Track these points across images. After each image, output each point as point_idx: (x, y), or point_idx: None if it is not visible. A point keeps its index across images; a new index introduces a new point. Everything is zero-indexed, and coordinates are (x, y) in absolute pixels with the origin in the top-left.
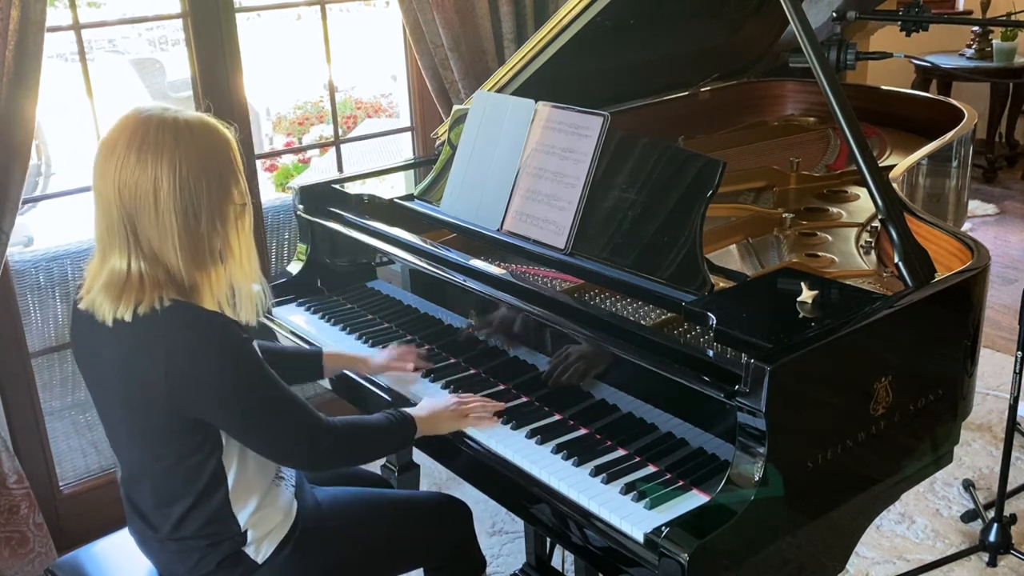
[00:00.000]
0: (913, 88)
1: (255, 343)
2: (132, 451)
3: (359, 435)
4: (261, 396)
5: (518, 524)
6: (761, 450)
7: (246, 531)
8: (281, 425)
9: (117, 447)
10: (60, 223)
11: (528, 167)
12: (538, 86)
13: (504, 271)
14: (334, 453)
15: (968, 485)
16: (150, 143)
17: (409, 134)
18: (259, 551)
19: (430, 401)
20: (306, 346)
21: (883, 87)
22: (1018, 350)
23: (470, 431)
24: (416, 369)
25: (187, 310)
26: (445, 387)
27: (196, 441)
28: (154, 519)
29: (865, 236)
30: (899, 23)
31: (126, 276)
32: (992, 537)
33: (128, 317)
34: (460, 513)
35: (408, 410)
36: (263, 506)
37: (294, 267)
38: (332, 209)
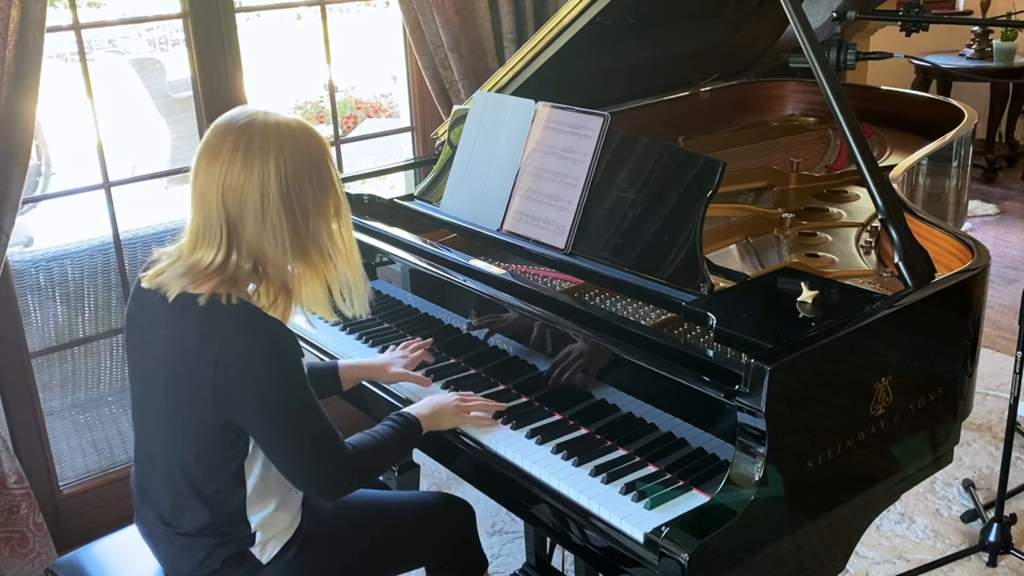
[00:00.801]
0: (913, 88)
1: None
2: (160, 437)
3: (376, 459)
4: (299, 416)
5: (518, 524)
6: (761, 450)
7: (255, 532)
8: (312, 451)
9: (143, 433)
10: (60, 223)
11: (528, 167)
12: (538, 86)
13: (504, 271)
14: (353, 485)
15: (968, 485)
16: (255, 148)
17: (409, 134)
18: (265, 551)
19: (431, 397)
20: (321, 360)
21: (883, 87)
22: (1018, 350)
23: (470, 431)
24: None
25: (251, 312)
26: (445, 387)
27: (226, 441)
28: (165, 512)
29: (865, 236)
30: (899, 23)
31: (212, 267)
32: (992, 537)
33: (197, 300)
34: (462, 513)
35: (410, 410)
36: (276, 510)
37: None
38: None
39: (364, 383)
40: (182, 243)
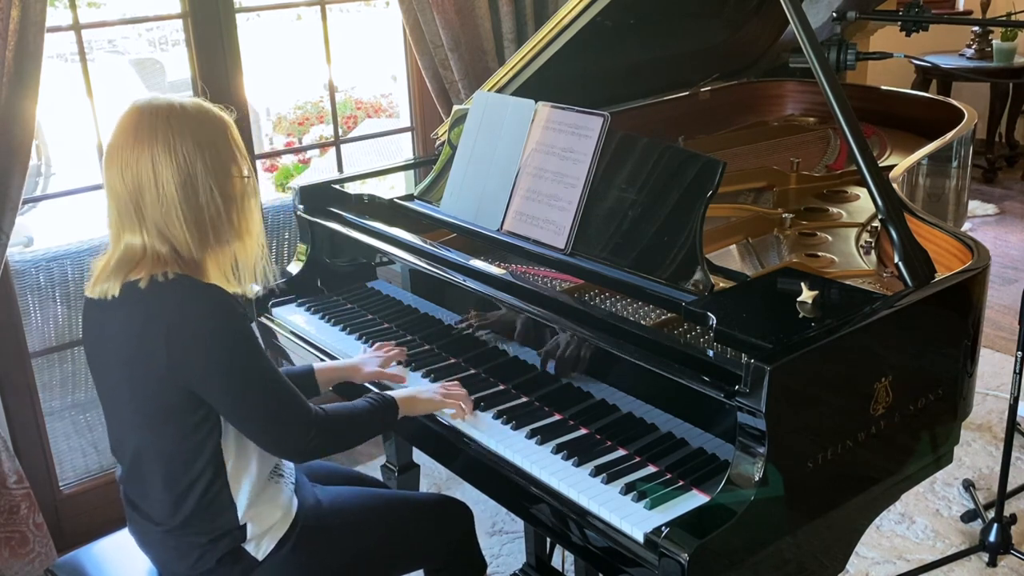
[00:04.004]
0: (913, 88)
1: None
2: (133, 435)
3: (345, 424)
4: (255, 374)
5: (518, 524)
6: (761, 450)
7: (245, 525)
8: (272, 409)
9: (118, 438)
10: (60, 223)
11: (528, 167)
12: (538, 86)
13: (504, 271)
14: (321, 444)
15: (968, 485)
16: (145, 127)
17: (409, 134)
18: (259, 548)
19: (415, 387)
20: (321, 359)
21: (883, 87)
22: (1018, 350)
23: (470, 431)
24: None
25: (190, 283)
26: None
27: (195, 420)
28: (153, 511)
29: (865, 236)
30: (899, 23)
31: (137, 252)
32: (992, 537)
33: (139, 286)
34: (461, 514)
35: (390, 392)
36: (261, 501)
37: (294, 267)
38: (332, 209)
39: (367, 384)
40: (108, 245)
